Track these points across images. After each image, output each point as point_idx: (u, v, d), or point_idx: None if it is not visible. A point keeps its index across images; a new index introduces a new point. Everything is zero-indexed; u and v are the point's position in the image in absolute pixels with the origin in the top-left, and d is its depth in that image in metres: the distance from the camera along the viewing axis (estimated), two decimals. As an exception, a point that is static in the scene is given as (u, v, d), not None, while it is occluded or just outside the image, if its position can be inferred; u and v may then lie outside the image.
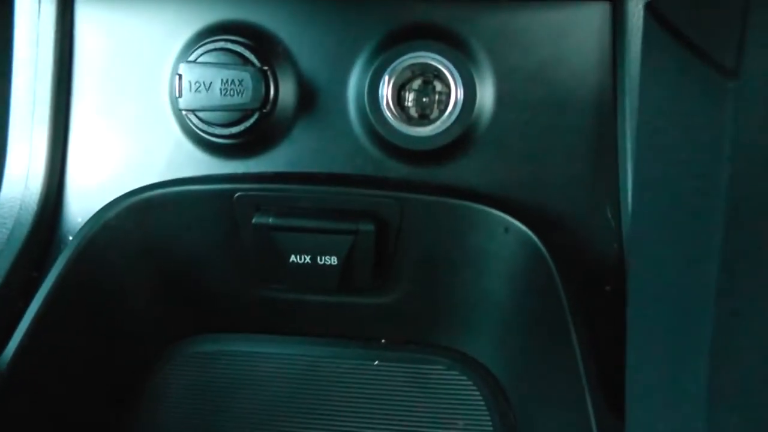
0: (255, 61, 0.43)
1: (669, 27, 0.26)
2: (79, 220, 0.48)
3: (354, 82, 0.46)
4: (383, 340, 0.51)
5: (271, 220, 0.46)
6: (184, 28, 0.46)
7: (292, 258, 0.46)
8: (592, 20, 0.43)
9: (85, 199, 0.48)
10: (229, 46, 0.44)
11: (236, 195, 0.45)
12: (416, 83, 0.45)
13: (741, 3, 0.21)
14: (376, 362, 0.49)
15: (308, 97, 0.46)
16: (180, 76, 0.44)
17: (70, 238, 0.47)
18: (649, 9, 0.29)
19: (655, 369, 0.28)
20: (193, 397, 0.50)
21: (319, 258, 0.47)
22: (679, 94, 0.26)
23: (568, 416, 0.37)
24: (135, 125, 0.47)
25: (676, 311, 0.26)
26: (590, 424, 0.33)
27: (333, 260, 0.47)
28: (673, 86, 0.27)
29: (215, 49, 0.44)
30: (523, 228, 0.43)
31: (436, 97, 0.45)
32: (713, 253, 0.23)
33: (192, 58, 0.44)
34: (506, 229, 0.44)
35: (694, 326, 0.24)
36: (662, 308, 0.27)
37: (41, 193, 0.47)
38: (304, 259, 0.47)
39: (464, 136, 0.45)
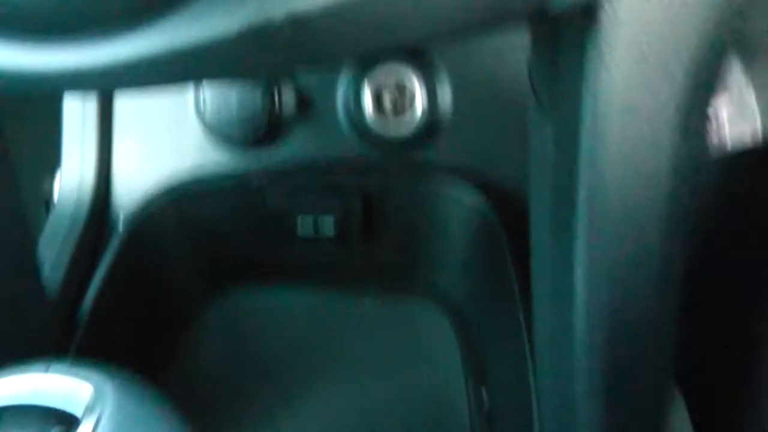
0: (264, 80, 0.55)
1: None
2: (123, 213, 0.59)
3: (341, 89, 0.57)
4: (373, 289, 0.64)
5: (284, 197, 0.58)
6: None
7: (300, 226, 0.59)
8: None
9: (129, 194, 0.59)
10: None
11: (253, 183, 0.58)
12: (390, 88, 0.57)
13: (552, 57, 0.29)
14: (368, 299, 0.62)
15: (305, 103, 0.58)
16: (204, 95, 0.55)
17: (120, 227, 0.58)
18: None
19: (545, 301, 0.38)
20: (221, 343, 0.62)
21: (320, 223, 0.59)
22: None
23: (512, 345, 0.50)
24: (167, 132, 0.58)
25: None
26: (525, 351, 0.46)
27: (330, 230, 0.59)
28: None
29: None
30: (479, 199, 0.56)
31: (407, 98, 0.57)
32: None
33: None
34: (465, 200, 0.57)
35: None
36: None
37: (92, 191, 0.58)
38: (308, 225, 0.59)
39: (430, 127, 0.57)
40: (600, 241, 0.28)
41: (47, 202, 0.62)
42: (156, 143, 0.59)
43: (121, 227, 0.58)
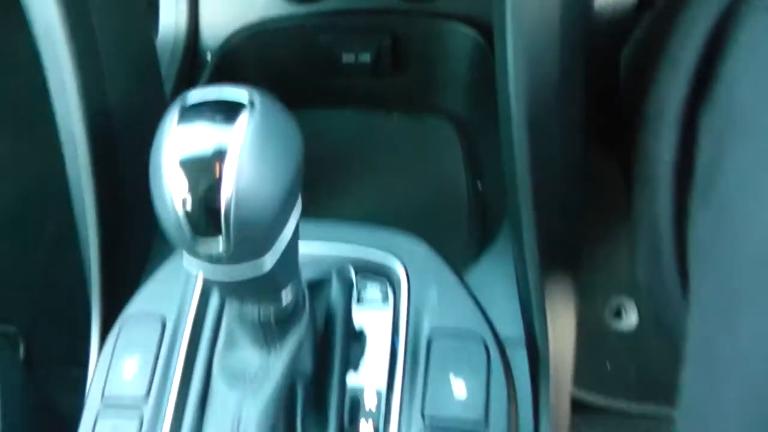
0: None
1: None
2: (210, 51, 0.77)
3: None
4: (398, 109, 0.84)
5: (332, 37, 0.76)
6: None
7: (344, 58, 0.77)
8: None
9: (214, 36, 0.77)
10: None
11: (309, 26, 0.76)
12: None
13: None
14: (396, 116, 0.82)
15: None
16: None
17: (209, 59, 0.77)
18: None
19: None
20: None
21: (359, 56, 0.77)
22: None
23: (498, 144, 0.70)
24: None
25: None
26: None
27: (367, 57, 0.77)
28: None
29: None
30: (476, 36, 0.74)
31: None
32: None
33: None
34: (467, 37, 0.75)
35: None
36: None
37: (186, 31, 0.76)
38: (351, 57, 0.78)
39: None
40: (522, 39, 0.48)
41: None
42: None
43: (209, 59, 0.77)
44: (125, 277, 0.67)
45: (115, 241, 0.66)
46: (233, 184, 0.37)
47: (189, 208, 0.37)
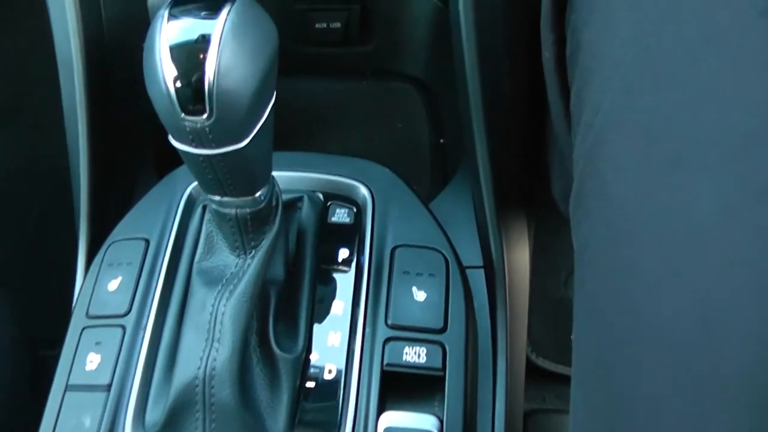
0: None
1: None
2: None
3: None
4: (367, 73, 0.90)
5: (306, 6, 0.83)
6: None
7: (317, 24, 0.84)
8: None
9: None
10: None
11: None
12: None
13: None
14: (365, 82, 0.89)
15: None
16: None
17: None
18: None
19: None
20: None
21: (331, 24, 0.84)
22: None
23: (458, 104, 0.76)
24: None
25: None
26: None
27: (338, 25, 0.84)
28: None
29: None
30: (438, 2, 0.81)
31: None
32: None
33: None
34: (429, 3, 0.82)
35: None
36: None
37: None
38: (323, 24, 0.84)
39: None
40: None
41: None
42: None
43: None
44: (111, 205, 0.71)
45: (104, 170, 0.71)
46: (216, 63, 0.44)
47: (179, 84, 0.44)
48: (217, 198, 0.53)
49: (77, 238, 0.69)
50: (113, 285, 0.63)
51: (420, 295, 0.62)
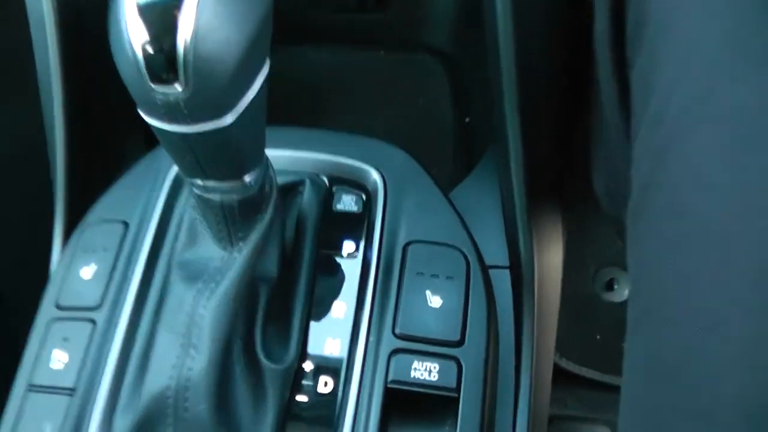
0: None
1: None
2: None
3: None
4: (385, 43, 0.82)
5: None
6: None
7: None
8: None
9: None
10: None
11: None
12: None
13: None
14: (382, 52, 0.80)
15: None
16: None
17: None
18: None
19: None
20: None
21: None
22: None
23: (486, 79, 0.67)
24: None
25: None
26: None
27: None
28: None
29: None
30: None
31: None
32: None
33: None
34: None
35: None
36: None
37: None
38: None
39: None
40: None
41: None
42: None
43: None
44: (95, 183, 0.64)
45: (85, 143, 0.63)
46: (193, 23, 0.35)
47: (148, 48, 0.35)
48: (199, 182, 0.45)
49: (53, 220, 0.62)
50: (87, 273, 0.56)
51: (435, 301, 0.53)
